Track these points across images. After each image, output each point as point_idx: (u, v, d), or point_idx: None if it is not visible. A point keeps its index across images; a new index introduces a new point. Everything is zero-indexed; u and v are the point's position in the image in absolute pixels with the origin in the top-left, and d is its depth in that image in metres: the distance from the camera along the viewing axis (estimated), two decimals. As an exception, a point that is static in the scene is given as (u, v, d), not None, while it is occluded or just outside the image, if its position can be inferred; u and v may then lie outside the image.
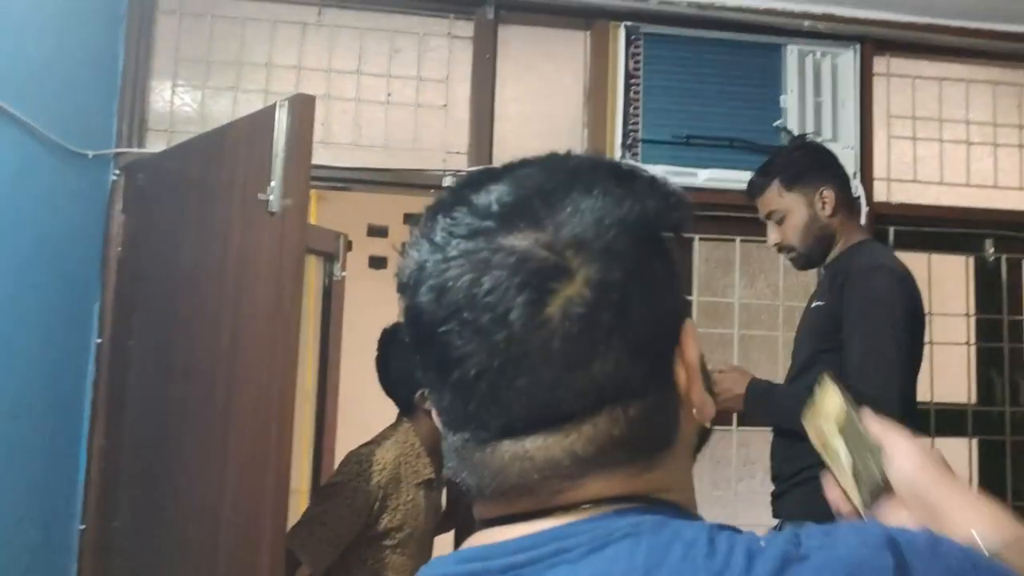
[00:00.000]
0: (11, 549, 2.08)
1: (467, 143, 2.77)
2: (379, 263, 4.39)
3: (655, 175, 0.59)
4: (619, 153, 2.77)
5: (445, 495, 2.38)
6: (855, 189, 2.73)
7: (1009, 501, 2.88)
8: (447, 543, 2.31)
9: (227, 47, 2.70)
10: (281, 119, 1.86)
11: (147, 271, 2.44)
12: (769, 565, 0.49)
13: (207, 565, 2.01)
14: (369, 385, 2.29)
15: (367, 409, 2.45)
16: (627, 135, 2.80)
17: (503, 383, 0.54)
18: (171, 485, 2.18)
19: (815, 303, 2.08)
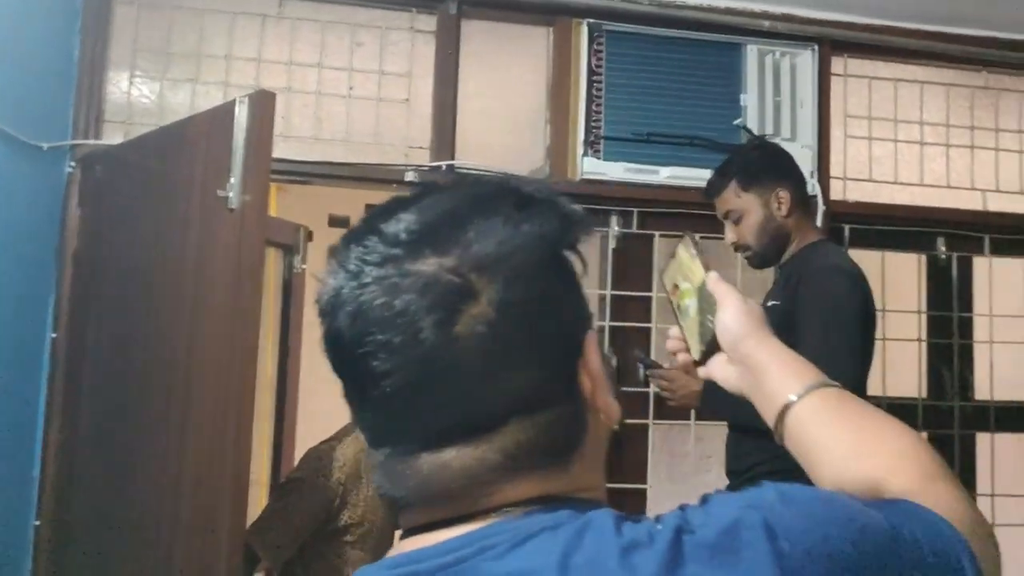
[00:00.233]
0: (-36, 546, 2.06)
1: (429, 138, 2.77)
2: (341, 255, 4.36)
3: (556, 197, 0.63)
4: (581, 150, 2.79)
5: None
6: (811, 189, 2.78)
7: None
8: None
9: (186, 38, 2.66)
10: (241, 115, 1.85)
11: (104, 265, 2.41)
12: (666, 537, 0.55)
13: (165, 559, 2.01)
14: (329, 377, 2.28)
15: (327, 401, 2.42)
16: (589, 132, 2.81)
17: (418, 398, 0.58)
18: (129, 480, 2.17)
19: (770, 302, 2.11)
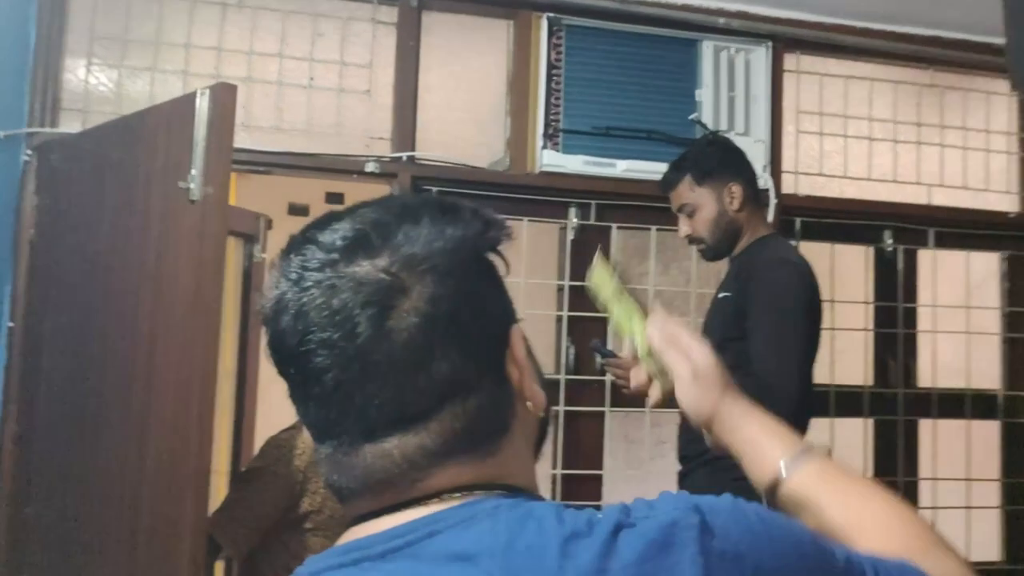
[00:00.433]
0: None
1: (390, 129, 2.79)
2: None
3: (477, 206, 0.68)
4: (540, 143, 2.83)
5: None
6: (763, 183, 2.85)
7: (900, 475, 3.08)
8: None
9: (144, 26, 2.64)
10: (202, 108, 1.85)
11: (62, 254, 2.40)
12: (606, 529, 0.59)
13: (127, 551, 2.02)
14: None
15: (286, 390, 2.46)
16: (548, 125, 2.85)
17: (357, 391, 0.63)
18: (89, 471, 2.17)
19: (722, 293, 2.18)
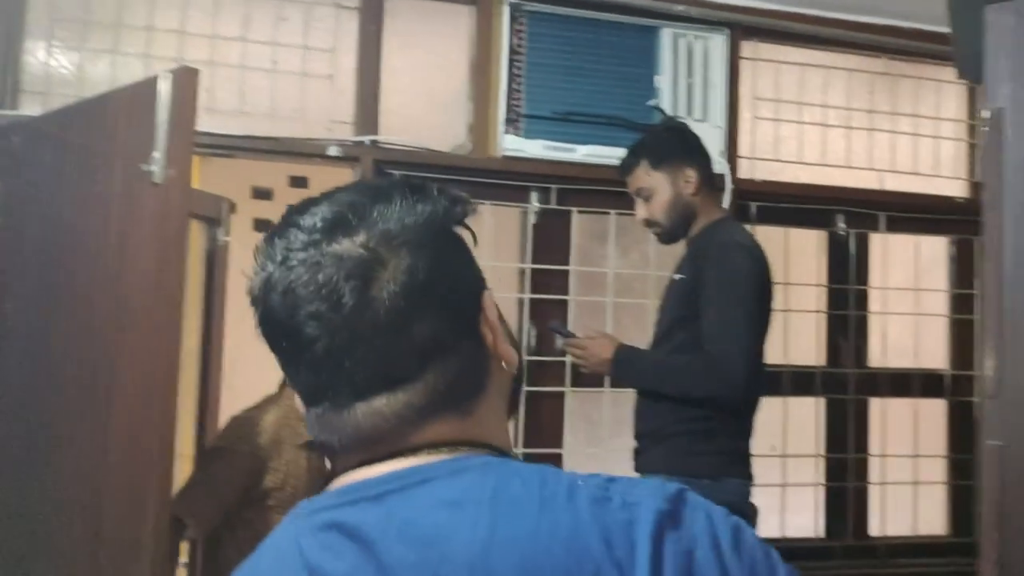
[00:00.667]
0: None
1: (353, 113, 2.81)
2: (263, 226, 4.35)
3: (443, 186, 0.75)
4: (502, 128, 2.87)
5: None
6: (720, 168, 2.92)
7: (851, 452, 3.18)
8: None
9: (105, 7, 2.64)
10: (164, 91, 1.86)
11: (22, 236, 2.39)
12: (586, 496, 0.65)
13: (90, 532, 2.03)
14: (252, 349, 2.32)
15: (250, 373, 2.47)
16: (510, 110, 2.89)
17: (346, 356, 0.68)
18: (52, 456, 2.17)
19: (677, 275, 2.24)
